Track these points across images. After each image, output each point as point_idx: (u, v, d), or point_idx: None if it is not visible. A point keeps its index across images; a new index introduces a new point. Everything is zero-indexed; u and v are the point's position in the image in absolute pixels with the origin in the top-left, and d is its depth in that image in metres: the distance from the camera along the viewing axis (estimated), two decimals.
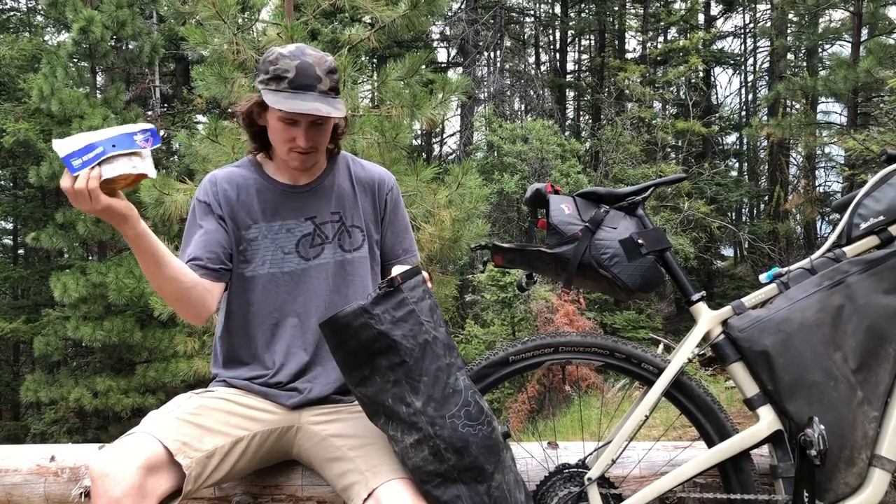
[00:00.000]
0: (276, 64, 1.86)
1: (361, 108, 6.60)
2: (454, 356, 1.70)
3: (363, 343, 1.63)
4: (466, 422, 1.64)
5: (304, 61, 1.86)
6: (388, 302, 1.64)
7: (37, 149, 15.21)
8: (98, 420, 14.76)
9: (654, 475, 2.00)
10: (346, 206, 2.05)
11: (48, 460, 2.08)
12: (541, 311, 12.18)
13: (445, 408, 1.63)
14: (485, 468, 1.64)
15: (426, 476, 1.64)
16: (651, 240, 1.90)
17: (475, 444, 1.64)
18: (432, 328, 1.66)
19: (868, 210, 1.93)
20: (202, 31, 6.15)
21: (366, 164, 2.14)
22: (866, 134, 12.90)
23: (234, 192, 1.99)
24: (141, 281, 12.73)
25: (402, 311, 1.64)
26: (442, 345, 1.67)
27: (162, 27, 17.21)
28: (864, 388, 1.83)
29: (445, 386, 1.65)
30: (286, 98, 1.83)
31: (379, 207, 2.09)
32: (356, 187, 2.07)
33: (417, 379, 1.63)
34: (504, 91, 20.73)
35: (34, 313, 16.02)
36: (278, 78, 1.85)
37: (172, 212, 6.08)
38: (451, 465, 1.62)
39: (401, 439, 1.65)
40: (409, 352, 1.63)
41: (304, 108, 1.81)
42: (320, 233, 2.01)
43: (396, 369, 1.63)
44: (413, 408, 1.63)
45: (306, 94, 1.85)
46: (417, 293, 1.68)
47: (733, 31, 24.10)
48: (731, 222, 19.68)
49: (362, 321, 1.62)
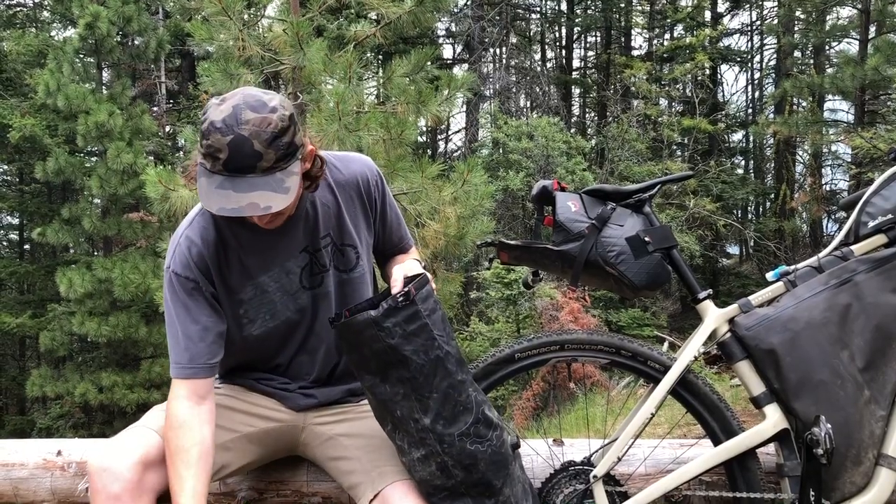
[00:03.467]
0: (208, 138, 1.55)
1: (367, 104, 6.59)
2: (465, 372, 1.65)
3: (375, 352, 1.58)
4: (475, 439, 1.61)
5: (239, 135, 1.53)
6: (399, 314, 1.56)
7: (43, 144, 15.28)
8: (103, 415, 14.82)
9: (659, 473, 1.99)
10: (333, 225, 1.86)
11: (54, 455, 2.08)
12: (546, 309, 12.17)
13: (455, 426, 1.60)
14: (493, 483, 1.62)
15: (433, 490, 1.63)
16: (658, 237, 1.89)
17: (483, 461, 1.61)
18: (444, 343, 1.60)
19: (876, 208, 1.92)
20: (208, 27, 6.16)
21: (342, 160, 1.90)
22: (874, 132, 12.86)
23: (216, 259, 1.77)
24: (146, 277, 12.77)
25: (415, 324, 1.57)
26: (454, 360, 1.62)
27: (168, 23, 17.23)
28: (871, 387, 1.82)
29: (456, 404, 1.61)
30: (217, 189, 1.56)
31: (368, 208, 1.92)
32: (340, 198, 1.86)
33: (427, 396, 1.59)
34: (510, 88, 20.69)
35: (40, 308, 16.09)
36: (212, 157, 1.55)
37: (178, 207, 6.10)
38: (459, 481, 1.61)
39: (408, 451, 1.63)
40: (420, 368, 1.57)
41: (234, 207, 1.55)
42: (317, 262, 1.85)
43: (406, 384, 1.58)
44: (421, 424, 1.59)
45: (244, 178, 1.55)
46: (430, 304, 1.61)
47: (740, 28, 24.00)
48: (737, 220, 19.63)
49: (372, 332, 1.56)
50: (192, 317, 1.75)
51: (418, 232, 6.27)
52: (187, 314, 1.75)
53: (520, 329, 12.61)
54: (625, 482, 1.95)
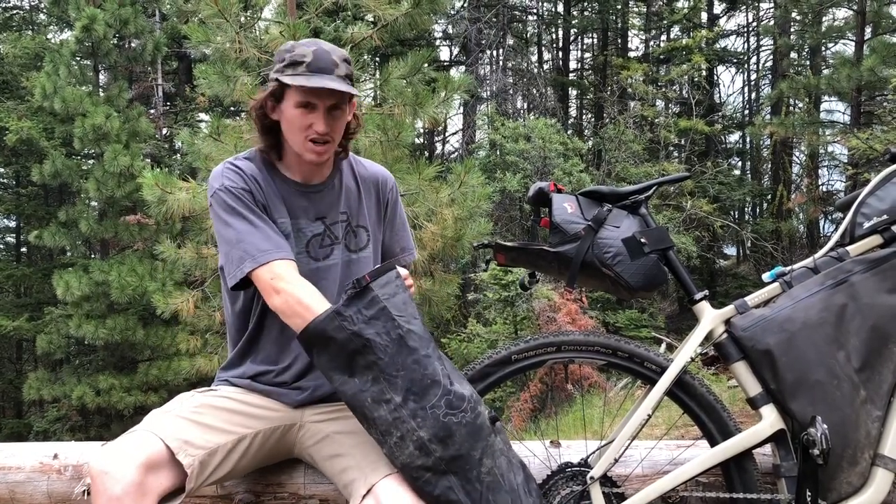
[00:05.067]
0: (293, 51, 1.84)
1: (364, 106, 6.60)
2: (430, 348, 1.70)
3: (340, 345, 1.65)
4: (448, 410, 1.65)
5: (321, 48, 1.85)
6: (359, 302, 1.66)
7: (40, 147, 15.26)
8: (100, 418, 14.79)
9: (656, 474, 2.00)
10: (353, 207, 2.03)
11: (51, 458, 2.08)
12: (543, 310, 12.16)
13: (425, 399, 1.64)
14: (471, 455, 1.65)
15: (416, 472, 1.64)
16: (654, 238, 1.90)
17: (458, 433, 1.64)
18: (405, 322, 1.67)
19: (871, 209, 1.92)
20: (205, 30, 6.16)
21: (366, 162, 2.13)
22: (870, 133, 12.87)
23: (263, 182, 1.93)
24: (143, 279, 12.76)
25: (374, 309, 1.66)
26: (417, 337, 1.68)
27: (164, 25, 17.23)
28: (867, 387, 1.83)
29: (423, 377, 1.65)
30: (306, 78, 1.81)
31: (382, 207, 2.09)
32: (361, 187, 2.06)
33: (395, 374, 1.64)
34: (507, 89, 20.69)
35: (37, 311, 16.06)
36: (295, 63, 1.83)
37: (175, 210, 6.10)
38: (438, 457, 1.63)
39: (384, 440, 1.66)
40: (384, 349, 1.64)
41: (325, 84, 1.79)
42: (330, 233, 1.98)
43: (373, 367, 1.65)
44: (394, 403, 1.64)
45: (325, 76, 1.82)
46: (389, 289, 1.69)
47: (736, 29, 24.03)
48: (733, 221, 19.65)
49: (336, 324, 1.64)
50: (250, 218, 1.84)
51: (416, 234, 6.27)
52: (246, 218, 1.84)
53: (517, 330, 12.60)
54: (622, 483, 1.95)
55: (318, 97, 1.84)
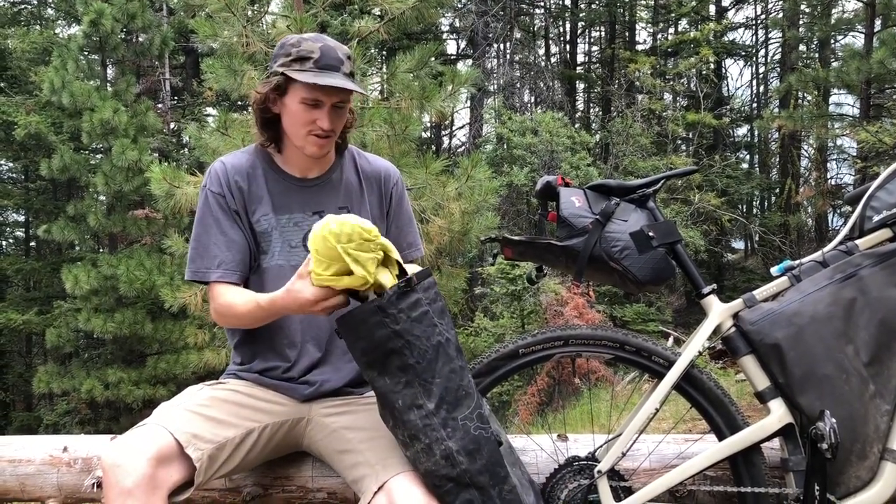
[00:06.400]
0: (299, 46, 1.85)
1: (371, 100, 6.59)
2: (464, 360, 1.68)
3: (377, 341, 1.61)
4: (479, 424, 1.62)
5: (327, 44, 1.87)
6: (403, 301, 1.61)
7: (48, 141, 15.32)
8: (109, 411, 14.88)
9: (664, 468, 1.99)
10: (354, 201, 2.02)
11: (61, 451, 2.09)
12: (550, 304, 12.16)
13: (458, 410, 1.62)
14: (496, 471, 1.63)
15: (439, 480, 1.62)
16: (662, 232, 1.89)
17: (487, 448, 1.62)
18: (445, 330, 1.64)
19: (881, 202, 1.91)
20: (212, 24, 6.16)
21: (371, 157, 2.13)
22: (879, 126, 12.81)
23: (245, 183, 1.96)
24: (151, 273, 12.81)
25: (418, 311, 1.62)
26: (454, 347, 1.65)
27: (172, 20, 17.25)
28: (876, 381, 1.82)
29: (458, 388, 1.63)
30: (315, 75, 1.82)
31: (385, 201, 2.07)
32: (363, 181, 2.05)
33: (430, 381, 1.61)
34: (514, 83, 20.67)
35: (46, 305, 16.14)
36: (302, 59, 1.84)
37: (183, 204, 6.11)
38: (464, 469, 1.60)
39: (411, 444, 1.63)
40: (423, 353, 1.60)
41: (336, 82, 1.81)
42: None
43: (409, 370, 1.61)
44: (426, 409, 1.61)
45: (334, 74, 1.84)
46: (431, 294, 1.66)
47: (745, 22, 23.91)
48: (741, 215, 19.61)
49: (377, 319, 1.60)
50: (216, 223, 1.95)
51: (422, 228, 6.27)
52: (213, 223, 1.95)
53: (524, 324, 12.60)
54: (629, 477, 1.95)
55: (326, 94, 1.85)
